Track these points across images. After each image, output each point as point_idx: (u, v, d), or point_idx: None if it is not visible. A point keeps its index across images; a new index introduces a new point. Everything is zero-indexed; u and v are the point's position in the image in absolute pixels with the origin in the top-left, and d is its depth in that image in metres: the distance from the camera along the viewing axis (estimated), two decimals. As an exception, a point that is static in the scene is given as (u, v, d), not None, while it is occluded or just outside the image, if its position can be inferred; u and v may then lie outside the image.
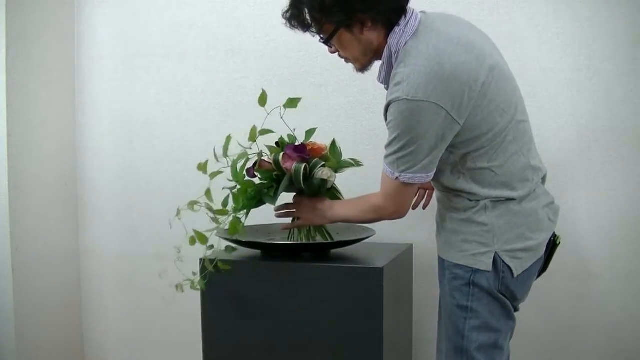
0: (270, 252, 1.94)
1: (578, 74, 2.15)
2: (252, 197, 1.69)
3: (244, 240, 1.82)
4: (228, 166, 1.74)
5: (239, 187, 1.69)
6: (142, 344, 2.79)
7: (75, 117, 2.80)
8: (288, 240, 1.88)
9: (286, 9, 1.59)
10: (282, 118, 1.74)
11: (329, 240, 1.86)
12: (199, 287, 1.79)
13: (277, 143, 1.72)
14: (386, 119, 1.52)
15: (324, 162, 1.73)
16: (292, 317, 1.84)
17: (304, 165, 1.66)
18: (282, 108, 1.76)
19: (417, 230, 2.25)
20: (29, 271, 2.58)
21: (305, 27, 1.58)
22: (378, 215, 1.65)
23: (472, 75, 1.45)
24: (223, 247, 1.84)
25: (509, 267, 1.55)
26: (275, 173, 1.69)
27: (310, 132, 1.84)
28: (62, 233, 2.77)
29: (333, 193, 1.82)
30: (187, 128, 2.63)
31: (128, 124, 2.73)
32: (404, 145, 1.47)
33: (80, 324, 2.87)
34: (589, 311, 2.21)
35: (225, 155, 1.69)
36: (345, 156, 1.92)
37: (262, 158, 1.69)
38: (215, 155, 1.74)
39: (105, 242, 2.80)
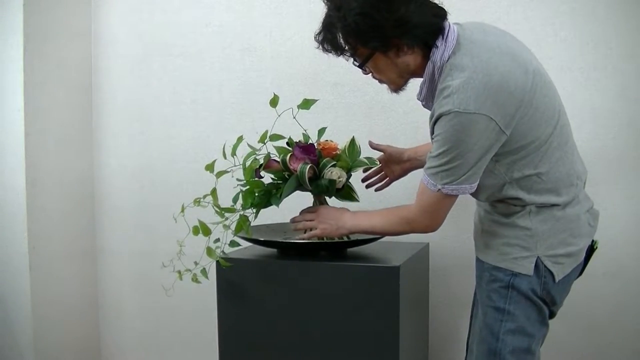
0: (287, 251, 1.92)
1: (595, 72, 2.14)
2: (262, 197, 1.69)
3: (261, 239, 1.82)
4: (235, 165, 1.75)
5: (246, 187, 1.70)
6: (158, 342, 2.80)
7: (92, 116, 2.82)
8: (304, 240, 1.85)
9: (318, 31, 1.55)
10: (294, 118, 1.74)
11: (345, 239, 1.83)
12: (200, 280, 1.80)
13: (287, 143, 1.72)
14: (432, 132, 1.49)
15: (334, 162, 1.71)
16: (307, 316, 1.83)
17: (308, 166, 1.64)
18: (295, 108, 1.76)
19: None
20: (46, 270, 2.59)
21: (338, 50, 1.54)
22: (410, 228, 1.61)
23: (518, 84, 1.44)
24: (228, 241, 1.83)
25: (550, 272, 1.54)
26: (287, 173, 1.69)
27: (321, 132, 1.83)
28: (79, 231, 2.78)
29: (347, 192, 1.81)
30: (203, 127, 2.63)
31: (144, 123, 2.74)
32: (451, 158, 1.44)
33: (97, 322, 2.89)
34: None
35: (233, 154, 1.70)
36: (362, 153, 1.90)
37: (272, 158, 1.69)
38: (224, 154, 1.75)
39: (122, 240, 2.82)
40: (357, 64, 1.56)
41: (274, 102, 1.74)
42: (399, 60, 1.52)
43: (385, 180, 2.01)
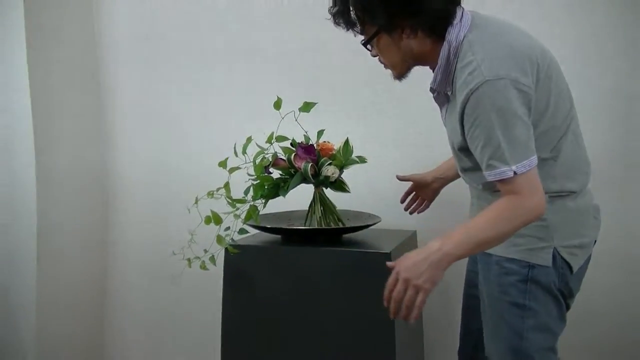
0: (290, 237, 2.03)
1: (589, 69, 2.14)
2: (271, 189, 1.87)
3: (267, 227, 1.97)
4: (245, 163, 1.91)
5: (257, 181, 1.88)
6: (163, 337, 2.82)
7: (100, 112, 2.82)
8: (305, 226, 1.99)
9: (332, 4, 1.54)
10: (296, 120, 1.87)
11: (341, 226, 1.98)
12: (208, 267, 1.90)
13: (291, 144, 1.90)
14: (462, 122, 1.41)
15: (330, 161, 1.90)
16: (309, 298, 1.92)
17: (310, 164, 1.83)
18: (297, 111, 1.88)
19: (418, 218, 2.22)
20: (54, 264, 2.57)
21: (349, 24, 1.52)
22: (527, 216, 1.37)
23: (538, 56, 1.42)
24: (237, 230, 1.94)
25: (567, 263, 1.50)
26: (292, 170, 1.88)
27: (320, 133, 1.99)
28: (88, 224, 2.77)
29: (340, 185, 1.98)
30: (210, 125, 2.65)
31: (153, 120, 2.75)
32: (503, 131, 1.34)
33: (102, 315, 2.88)
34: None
35: (244, 152, 1.88)
36: (356, 152, 2.02)
37: (279, 157, 1.88)
38: (235, 152, 1.90)
39: (132, 235, 2.83)
40: (363, 41, 1.54)
41: (277, 104, 1.88)
42: (402, 43, 1.48)
43: (425, 203, 2.03)
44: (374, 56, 1.56)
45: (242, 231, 1.94)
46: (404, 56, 1.51)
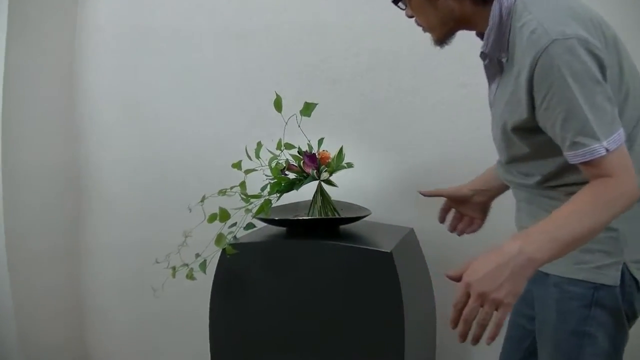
0: (296, 228, 2.08)
1: None
2: (288, 185, 2.04)
3: (275, 219, 2.05)
4: (261, 166, 1.99)
5: (274, 180, 2.02)
6: (146, 344, 2.76)
7: (75, 105, 2.70)
8: (309, 215, 2.07)
9: None
10: (299, 127, 1.92)
11: (337, 216, 2.07)
12: (195, 277, 1.89)
13: (298, 152, 2.06)
14: (531, 89, 1.20)
15: (326, 168, 2.06)
16: (309, 295, 1.91)
17: (315, 170, 2.05)
18: (299, 114, 1.92)
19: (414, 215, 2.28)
20: (26, 269, 2.48)
21: None
22: (625, 202, 1.16)
23: (602, 22, 1.24)
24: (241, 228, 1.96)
25: (636, 280, 1.28)
26: (304, 174, 2.06)
27: (320, 142, 2.09)
28: (62, 228, 2.67)
29: (330, 182, 2.08)
30: (194, 119, 2.56)
31: (134, 114, 2.64)
32: (585, 99, 1.14)
33: (84, 324, 2.79)
34: None
35: (258, 157, 1.99)
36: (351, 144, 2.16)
37: (291, 163, 2.07)
38: (248, 155, 1.98)
39: (111, 237, 2.73)
40: None
41: (277, 104, 1.93)
42: (439, 2, 1.31)
43: (475, 222, 1.74)
44: (410, 17, 1.39)
45: (249, 226, 1.99)
46: (444, 18, 1.33)
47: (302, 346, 1.91)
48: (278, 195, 2.00)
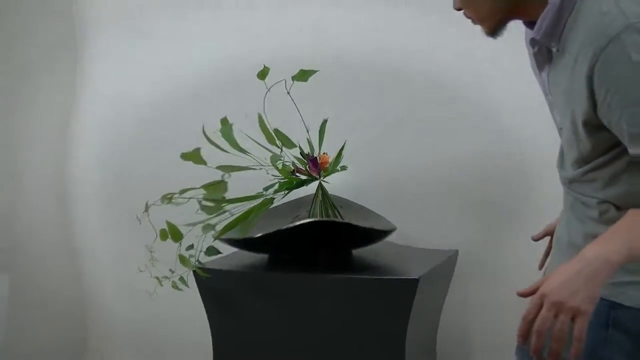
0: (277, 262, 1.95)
1: None
2: (298, 183, 2.01)
3: (253, 236, 1.80)
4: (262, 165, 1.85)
5: (284, 180, 1.93)
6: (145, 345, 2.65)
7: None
8: (309, 217, 1.93)
9: None
10: (288, 94, 1.73)
11: (338, 216, 1.95)
12: (180, 288, 1.78)
13: (301, 154, 2.02)
14: (591, 83, 1.16)
15: (324, 172, 2.11)
16: (305, 331, 1.83)
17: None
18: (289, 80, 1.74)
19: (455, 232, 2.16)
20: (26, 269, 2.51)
21: None
22: None
23: None
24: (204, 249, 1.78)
25: None
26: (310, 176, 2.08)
27: (320, 143, 2.06)
28: (52, 229, 2.62)
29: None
30: (183, 114, 2.44)
31: (119, 112, 2.53)
32: None
33: (83, 323, 2.73)
34: None
35: (236, 147, 1.73)
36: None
37: (298, 167, 2.01)
38: (210, 140, 1.69)
39: (99, 240, 2.64)
40: None
41: (262, 74, 1.73)
42: None
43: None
44: (457, 9, 1.35)
45: (210, 251, 1.78)
46: (495, 5, 1.29)
47: (302, 346, 1.84)
48: (286, 192, 1.90)
